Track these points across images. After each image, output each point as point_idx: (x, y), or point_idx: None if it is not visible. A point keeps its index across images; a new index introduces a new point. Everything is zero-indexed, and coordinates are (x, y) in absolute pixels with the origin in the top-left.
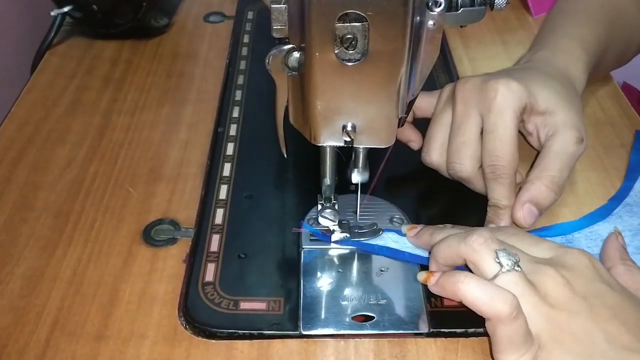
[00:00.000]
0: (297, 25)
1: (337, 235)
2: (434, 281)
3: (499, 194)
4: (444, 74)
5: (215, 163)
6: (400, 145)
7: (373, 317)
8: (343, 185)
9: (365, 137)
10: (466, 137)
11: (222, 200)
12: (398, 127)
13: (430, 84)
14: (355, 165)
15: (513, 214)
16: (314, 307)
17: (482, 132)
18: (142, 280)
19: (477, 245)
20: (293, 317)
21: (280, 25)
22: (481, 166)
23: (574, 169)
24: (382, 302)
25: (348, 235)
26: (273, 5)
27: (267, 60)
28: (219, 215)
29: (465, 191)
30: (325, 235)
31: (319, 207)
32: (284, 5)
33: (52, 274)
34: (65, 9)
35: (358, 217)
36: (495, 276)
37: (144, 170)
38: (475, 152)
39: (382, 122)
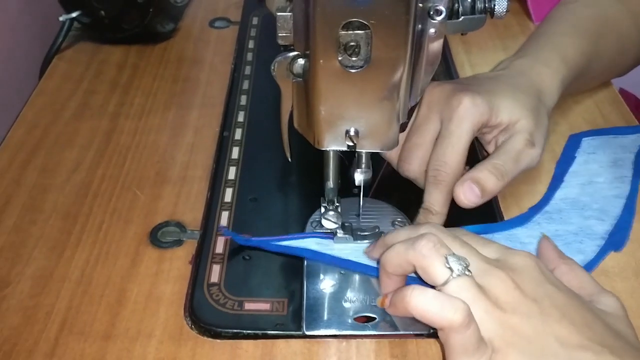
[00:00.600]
0: (301, 32)
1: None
2: (388, 303)
3: (434, 199)
4: (446, 79)
5: (220, 166)
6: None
7: (374, 318)
8: (346, 189)
9: (367, 141)
10: (421, 140)
11: (227, 203)
12: (400, 132)
13: None
14: (359, 166)
15: (454, 192)
16: (317, 308)
17: (436, 136)
18: (148, 281)
19: (426, 251)
20: (296, 317)
21: (286, 33)
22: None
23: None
24: None
25: (350, 236)
26: (279, 13)
27: (272, 67)
28: (224, 218)
29: None
30: (245, 239)
31: (322, 209)
32: (289, 13)
33: (61, 275)
34: (74, 15)
35: (361, 219)
36: (446, 282)
37: (150, 173)
38: (425, 155)
39: (384, 127)
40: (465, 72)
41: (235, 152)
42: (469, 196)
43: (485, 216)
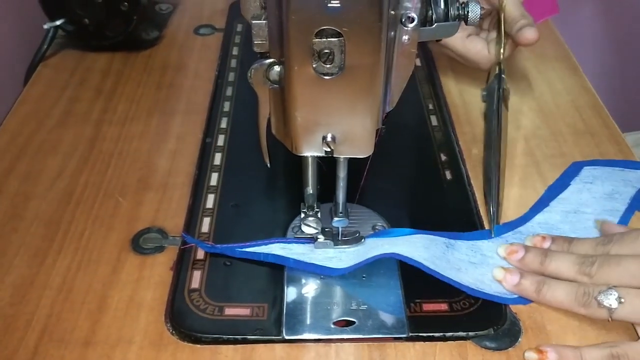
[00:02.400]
0: (276, 40)
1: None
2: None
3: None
4: (427, 84)
5: (203, 173)
6: (382, 155)
7: (354, 322)
8: (326, 194)
9: (344, 147)
10: None
11: (209, 209)
12: (375, 138)
13: (414, 95)
14: (336, 214)
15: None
16: (297, 313)
17: None
18: (130, 288)
19: (580, 303)
20: (276, 322)
21: (261, 40)
22: None
23: None
24: (363, 307)
25: (331, 242)
26: (254, 21)
27: (249, 74)
28: (206, 224)
29: (446, 199)
30: (209, 246)
31: (302, 215)
32: (264, 21)
33: (42, 282)
34: (58, 22)
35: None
36: (611, 317)
37: (133, 180)
38: None
39: (361, 133)
40: (447, 76)
41: (217, 159)
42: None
43: (467, 224)
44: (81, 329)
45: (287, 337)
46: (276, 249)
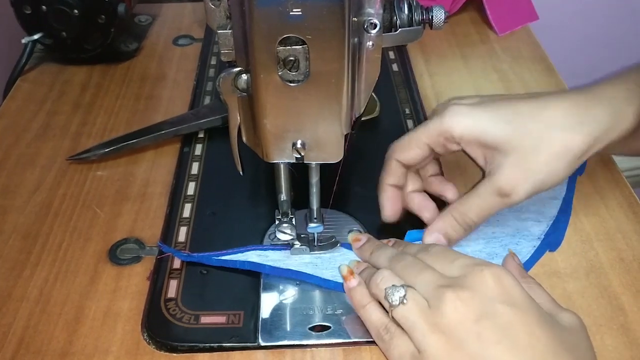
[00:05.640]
0: (242, 49)
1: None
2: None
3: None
4: (404, 89)
5: (180, 182)
6: (358, 159)
7: (329, 327)
8: (301, 201)
9: (314, 153)
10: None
11: (185, 218)
12: (345, 143)
13: (391, 99)
14: (310, 220)
15: (424, 238)
16: (273, 319)
17: None
18: (107, 298)
19: (374, 287)
20: (252, 329)
21: (228, 49)
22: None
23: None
24: (339, 312)
25: (307, 248)
26: (219, 31)
27: (217, 83)
28: (183, 233)
29: None
30: (185, 255)
31: (277, 222)
32: (230, 31)
33: (19, 294)
34: (36, 37)
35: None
36: (390, 312)
37: (110, 191)
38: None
39: (329, 138)
40: (424, 81)
41: (195, 168)
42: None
43: None
44: (58, 340)
45: (263, 344)
46: (252, 256)
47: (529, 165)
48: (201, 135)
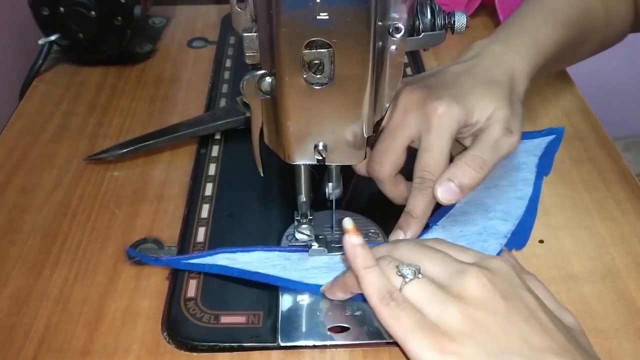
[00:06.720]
0: (267, 52)
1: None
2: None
3: (418, 203)
4: None
5: (197, 183)
6: None
7: (348, 328)
8: (319, 202)
9: (336, 155)
10: (394, 144)
11: (204, 219)
12: (366, 146)
13: None
14: (330, 180)
15: (434, 192)
16: (292, 320)
17: (410, 142)
18: (126, 297)
19: (382, 269)
20: (272, 329)
21: (253, 52)
22: (399, 172)
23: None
24: (357, 313)
25: (326, 250)
26: (245, 34)
27: (241, 85)
28: (201, 234)
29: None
30: (154, 259)
31: (296, 223)
32: (255, 34)
33: (40, 293)
34: (52, 38)
35: (334, 232)
36: (401, 289)
37: (128, 192)
38: (396, 160)
39: (351, 141)
40: None
41: (212, 169)
42: (447, 196)
43: None
44: (79, 339)
45: (282, 344)
46: (221, 259)
47: (509, 108)
48: (217, 137)
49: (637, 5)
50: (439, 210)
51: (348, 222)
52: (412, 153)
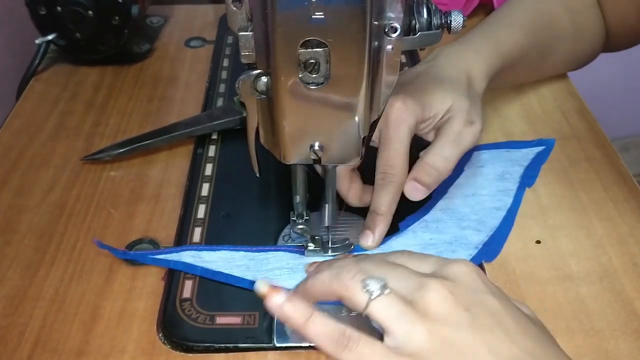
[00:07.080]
0: (263, 51)
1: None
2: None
3: (382, 200)
4: None
5: (194, 183)
6: (372, 162)
7: None
8: (315, 202)
9: (332, 155)
10: None
11: (200, 219)
12: (362, 146)
13: None
14: (326, 201)
15: (404, 190)
16: None
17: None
18: (122, 298)
19: (347, 281)
20: (268, 330)
21: (248, 52)
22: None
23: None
24: (353, 313)
25: (320, 249)
26: (240, 33)
27: (237, 85)
28: (197, 234)
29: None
30: (122, 252)
31: (291, 223)
32: (251, 33)
33: (35, 294)
34: (50, 37)
35: (331, 232)
36: (367, 305)
37: (124, 192)
38: None
39: (347, 141)
40: None
41: (208, 169)
42: (414, 194)
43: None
44: (74, 339)
45: (278, 345)
46: (186, 257)
47: (468, 99)
48: (214, 136)
49: (607, 24)
50: (412, 215)
51: (261, 286)
52: (373, 154)
